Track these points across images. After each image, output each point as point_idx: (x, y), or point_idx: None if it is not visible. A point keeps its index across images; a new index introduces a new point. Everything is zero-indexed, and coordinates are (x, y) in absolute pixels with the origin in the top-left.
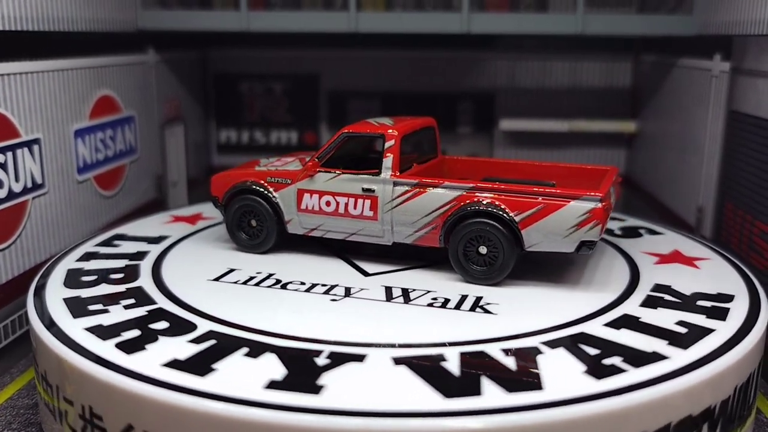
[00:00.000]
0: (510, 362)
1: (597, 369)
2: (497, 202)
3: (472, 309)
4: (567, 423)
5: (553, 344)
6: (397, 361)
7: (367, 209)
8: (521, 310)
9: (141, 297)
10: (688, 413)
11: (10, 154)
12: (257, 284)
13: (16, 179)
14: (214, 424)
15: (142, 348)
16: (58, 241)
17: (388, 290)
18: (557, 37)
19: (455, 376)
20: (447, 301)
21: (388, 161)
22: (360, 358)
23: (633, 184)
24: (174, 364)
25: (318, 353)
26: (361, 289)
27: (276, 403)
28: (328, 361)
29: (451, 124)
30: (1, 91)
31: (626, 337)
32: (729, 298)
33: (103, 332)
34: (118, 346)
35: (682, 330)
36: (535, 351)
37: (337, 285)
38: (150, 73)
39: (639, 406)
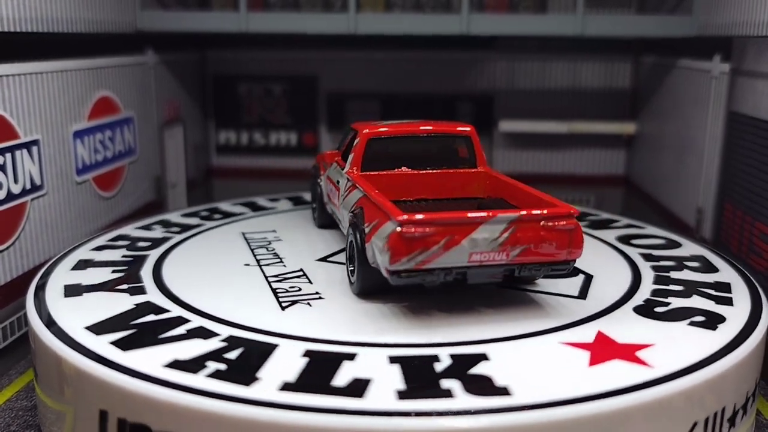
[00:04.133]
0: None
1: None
2: (365, 211)
3: (283, 303)
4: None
5: (237, 343)
6: (141, 305)
7: (337, 199)
8: (312, 318)
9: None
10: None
11: (8, 156)
12: (248, 240)
13: (15, 180)
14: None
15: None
16: (57, 242)
17: (290, 273)
18: (557, 38)
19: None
20: (298, 290)
21: (351, 157)
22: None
23: (632, 185)
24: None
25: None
26: (282, 266)
27: None
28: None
29: None
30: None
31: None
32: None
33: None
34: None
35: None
36: (208, 334)
37: (281, 258)
38: (149, 74)
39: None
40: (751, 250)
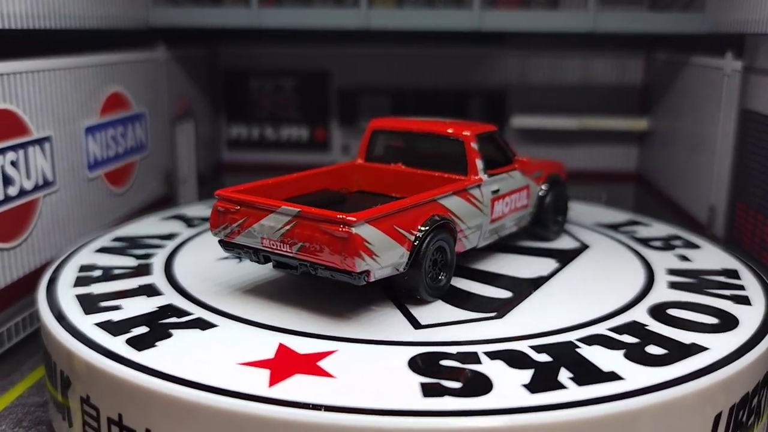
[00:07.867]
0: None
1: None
2: None
3: (225, 257)
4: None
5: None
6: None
7: None
8: (209, 272)
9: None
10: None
11: (21, 152)
12: None
13: (28, 177)
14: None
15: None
16: (69, 238)
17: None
18: (569, 34)
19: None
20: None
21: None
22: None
23: (645, 182)
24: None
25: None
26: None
27: None
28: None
29: None
30: (12, 89)
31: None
32: None
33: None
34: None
35: None
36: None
37: None
38: (160, 69)
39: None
40: (763, 248)
